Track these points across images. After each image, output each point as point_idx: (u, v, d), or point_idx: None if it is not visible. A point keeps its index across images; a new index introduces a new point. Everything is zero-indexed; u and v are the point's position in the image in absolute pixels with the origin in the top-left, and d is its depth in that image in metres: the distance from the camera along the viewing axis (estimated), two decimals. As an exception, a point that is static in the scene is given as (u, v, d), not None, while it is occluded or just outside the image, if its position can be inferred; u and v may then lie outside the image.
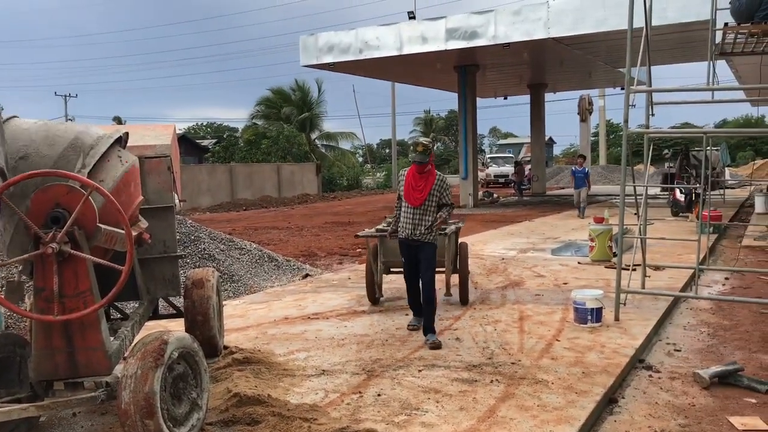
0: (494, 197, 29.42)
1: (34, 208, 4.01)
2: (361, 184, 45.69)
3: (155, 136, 5.70)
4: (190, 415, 4.21)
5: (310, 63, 23.49)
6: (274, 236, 17.34)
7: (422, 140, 6.60)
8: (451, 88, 28.50)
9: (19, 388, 4.40)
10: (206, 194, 30.98)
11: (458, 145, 28.99)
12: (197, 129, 69.52)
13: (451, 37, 21.05)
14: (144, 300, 5.37)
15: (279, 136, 40.07)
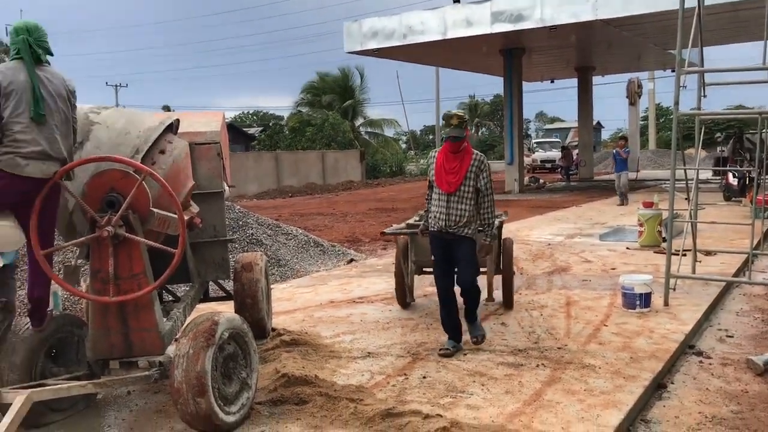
0: (540, 182, 29.07)
1: (90, 193, 4.14)
2: (405, 171, 45.64)
3: (205, 123, 5.80)
4: (240, 395, 4.32)
5: (354, 49, 23.50)
6: (319, 222, 17.50)
7: (456, 112, 5.55)
8: (497, 72, 28.21)
9: (77, 367, 4.57)
10: (253, 181, 31.38)
11: (503, 130, 28.73)
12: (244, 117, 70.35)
13: (497, 21, 20.80)
14: (195, 283, 5.50)
15: (324, 124, 40.26)
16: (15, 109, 3.96)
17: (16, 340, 4.35)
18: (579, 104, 32.39)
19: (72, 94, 4.27)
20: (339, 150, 38.99)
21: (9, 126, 3.95)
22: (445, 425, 4.01)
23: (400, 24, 22.34)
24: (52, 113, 4.09)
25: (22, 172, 3.96)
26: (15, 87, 3.98)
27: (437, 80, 45.28)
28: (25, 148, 3.97)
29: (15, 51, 4.10)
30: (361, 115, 47.02)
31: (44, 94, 4.06)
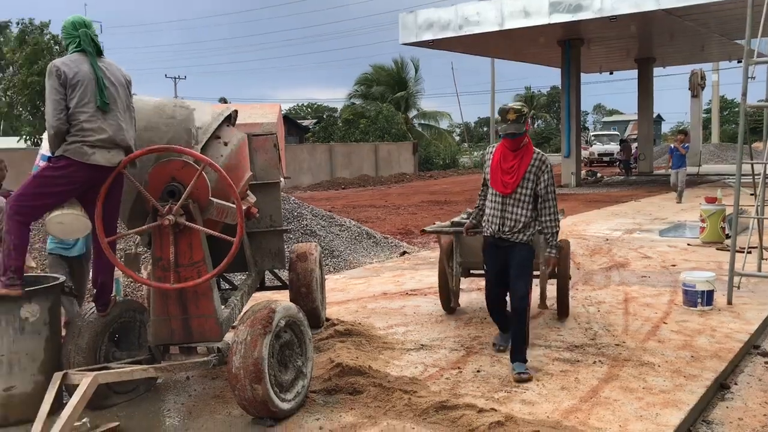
0: (598, 176, 28.51)
1: (152, 182, 4.24)
2: (458, 164, 45.36)
3: (262, 114, 5.87)
4: (296, 382, 4.38)
5: (409, 41, 23.44)
6: (371, 214, 17.56)
7: (513, 105, 4.91)
8: (554, 63, 27.73)
9: (138, 351, 4.70)
10: (307, 173, 31.69)
11: (560, 122, 28.25)
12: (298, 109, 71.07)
13: (555, 11, 20.43)
14: (252, 272, 5.59)
15: (378, 116, 40.31)
16: (81, 99, 4.10)
17: (82, 324, 4.51)
18: (639, 96, 31.58)
19: (129, 84, 4.40)
20: (392, 142, 38.99)
21: (76, 116, 4.09)
22: (499, 419, 3.98)
23: (456, 15, 22.17)
24: (115, 102, 4.23)
25: (88, 160, 4.09)
26: (80, 78, 4.11)
27: (492, 71, 44.77)
28: (92, 136, 4.10)
29: (75, 44, 4.23)
30: (415, 107, 46.89)
31: (107, 83, 4.19)
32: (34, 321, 4.30)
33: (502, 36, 22.59)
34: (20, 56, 30.57)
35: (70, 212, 4.28)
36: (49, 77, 4.13)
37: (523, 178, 4.91)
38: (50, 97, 4.10)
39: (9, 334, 4.22)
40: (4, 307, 4.19)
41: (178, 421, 4.39)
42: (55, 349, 4.44)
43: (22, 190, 4.19)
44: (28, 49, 30.17)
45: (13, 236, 4.13)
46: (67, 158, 4.10)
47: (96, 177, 4.16)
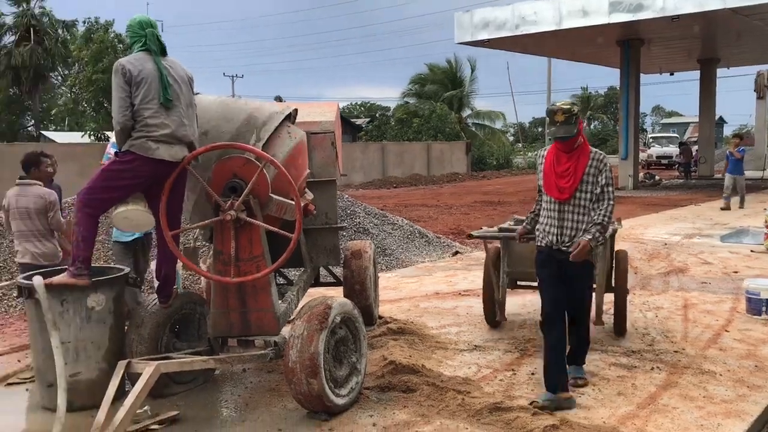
0: (656, 179, 27.82)
1: (215, 178, 4.35)
2: (512, 164, 44.91)
3: (321, 113, 5.94)
4: (350, 378, 4.42)
5: (465, 40, 23.30)
6: (423, 213, 17.54)
7: (561, 105, 4.47)
8: (612, 63, 27.17)
9: (198, 343, 4.82)
10: (359, 171, 31.84)
11: (618, 123, 27.70)
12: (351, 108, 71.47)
13: (615, 10, 20.01)
14: (307, 267, 5.66)
15: (431, 115, 40.21)
16: (145, 96, 4.23)
17: (144, 315, 4.65)
18: (700, 98, 30.66)
19: (191, 81, 4.52)
20: (445, 141, 38.85)
21: (140, 112, 4.23)
22: (554, 423, 3.94)
23: (512, 14, 21.94)
24: (178, 98, 4.35)
25: (153, 154, 4.21)
26: (145, 75, 4.24)
27: (549, 71, 44.22)
28: (155, 132, 4.22)
29: (141, 43, 4.36)
30: (468, 107, 46.60)
31: (170, 81, 4.32)
32: (100, 310, 4.45)
33: (560, 36, 22.25)
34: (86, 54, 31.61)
35: (135, 208, 4.43)
36: (115, 75, 4.28)
37: (581, 181, 4.44)
38: (116, 95, 4.24)
39: (76, 322, 4.39)
40: (72, 296, 4.35)
41: (235, 412, 4.48)
42: (119, 337, 4.59)
43: (90, 184, 4.35)
44: (93, 47, 31.18)
45: (81, 228, 4.29)
46: (133, 153, 4.24)
47: (160, 171, 4.28)
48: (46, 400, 4.51)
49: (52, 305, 4.26)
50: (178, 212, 4.53)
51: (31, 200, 5.68)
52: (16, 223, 5.72)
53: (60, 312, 4.33)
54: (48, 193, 5.77)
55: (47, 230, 5.74)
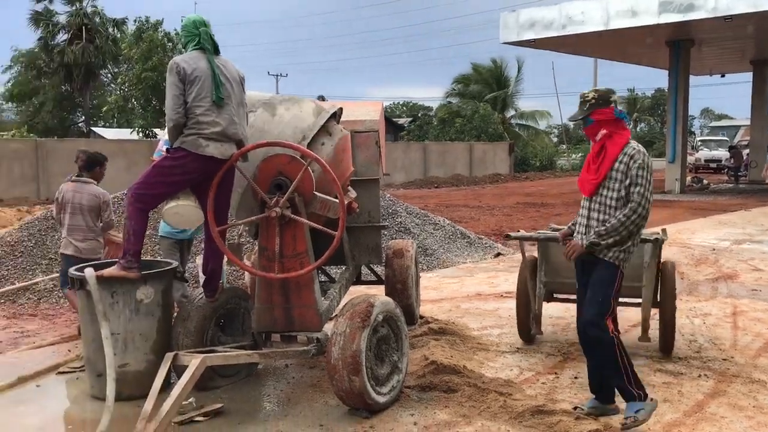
0: (704, 183, 27.19)
1: (261, 176, 4.41)
2: (555, 165, 44.37)
3: (365, 112, 5.97)
4: (391, 377, 4.44)
5: (510, 40, 23.12)
6: (465, 214, 17.46)
7: (588, 92, 4.14)
8: (661, 64, 26.65)
9: (242, 337, 4.90)
10: (400, 171, 31.86)
11: (665, 126, 27.14)
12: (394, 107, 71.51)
13: (665, 11, 19.62)
14: (350, 265, 5.70)
15: (474, 115, 39.98)
16: (198, 94, 4.31)
17: (191, 309, 4.74)
18: (753, 100, 29.81)
19: (243, 81, 4.60)
20: (487, 142, 38.59)
21: (192, 109, 4.31)
22: (598, 428, 3.90)
23: (559, 14, 21.68)
24: (230, 97, 4.43)
25: (203, 151, 4.30)
26: (198, 74, 4.33)
27: (595, 72, 43.57)
28: (207, 129, 4.31)
29: (195, 42, 4.44)
30: (512, 107, 46.18)
31: (223, 80, 4.39)
32: (149, 303, 4.56)
33: (607, 36, 21.90)
34: (135, 52, 32.29)
35: (186, 203, 4.52)
36: (169, 73, 4.37)
37: (606, 177, 4.05)
38: (170, 92, 4.33)
39: (125, 314, 4.50)
40: (122, 289, 4.47)
41: (277, 406, 4.54)
42: (166, 330, 4.69)
43: (141, 180, 4.45)
44: (143, 46, 31.81)
45: (132, 222, 4.39)
46: (184, 150, 4.33)
47: (209, 168, 4.36)
48: (96, 389, 4.64)
49: (103, 297, 4.38)
50: (225, 208, 4.61)
51: (86, 197, 5.99)
52: (67, 216, 5.99)
53: (110, 303, 4.44)
54: (102, 193, 6.08)
55: (93, 227, 6.04)
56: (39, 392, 4.86)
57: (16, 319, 7.03)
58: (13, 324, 6.85)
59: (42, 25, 38.71)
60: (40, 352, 5.81)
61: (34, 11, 38.69)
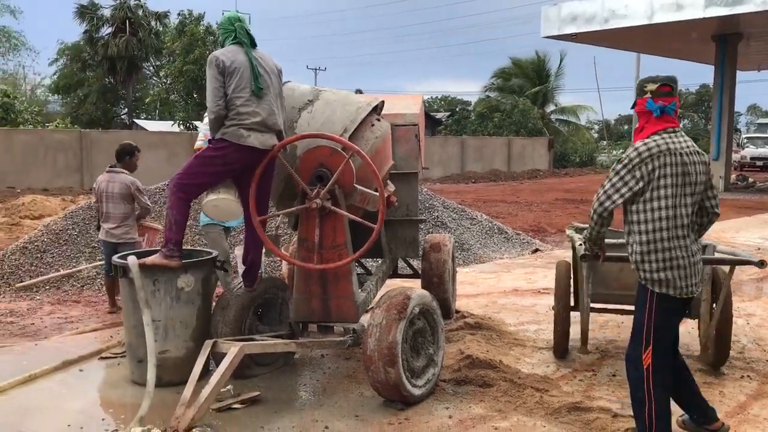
0: (749, 181, 26.54)
1: (302, 167, 4.44)
2: (596, 162, 43.74)
3: (405, 105, 5.97)
4: (427, 370, 4.44)
5: (551, 34, 22.84)
6: (502, 209, 17.33)
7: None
8: (706, 59, 26.04)
9: (279, 327, 4.95)
10: (438, 166, 31.76)
11: (709, 122, 26.56)
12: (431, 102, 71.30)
13: (711, 4, 19.15)
14: (386, 258, 5.71)
15: (514, 110, 39.61)
16: (237, 85, 4.38)
17: (230, 298, 4.80)
18: (802, 97, 28.99)
19: (280, 73, 4.65)
20: (526, 137, 38.22)
21: (233, 101, 4.37)
22: (635, 427, 3.83)
23: (602, 8, 21.34)
24: (269, 88, 4.48)
25: (244, 142, 4.35)
26: (237, 66, 4.39)
27: (637, 67, 42.61)
28: (247, 120, 4.36)
29: (232, 36, 4.52)
30: (553, 102, 45.61)
31: (261, 71, 4.45)
32: (189, 291, 4.63)
33: (651, 30, 21.48)
34: (177, 46, 32.77)
35: (226, 197, 4.58)
36: (209, 67, 4.43)
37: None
38: (210, 85, 4.40)
39: (167, 301, 4.58)
40: (163, 277, 4.55)
41: (313, 396, 4.58)
42: (205, 318, 4.77)
43: (183, 170, 4.53)
44: (184, 39, 32.27)
45: (174, 211, 4.47)
46: (225, 140, 4.39)
47: (250, 159, 4.41)
48: (136, 374, 4.74)
49: (145, 284, 4.47)
50: (266, 199, 4.66)
51: (117, 186, 6.39)
52: (103, 205, 6.43)
53: (152, 291, 4.53)
54: (132, 181, 6.45)
55: (125, 214, 6.43)
56: (82, 376, 4.98)
57: (60, 305, 7.22)
58: (58, 310, 7.03)
59: (87, 19, 39.51)
60: (83, 337, 5.96)
61: (80, 5, 39.51)
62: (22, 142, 21.71)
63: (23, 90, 42.74)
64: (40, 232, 8.92)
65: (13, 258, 8.28)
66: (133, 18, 39.32)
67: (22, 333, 6.02)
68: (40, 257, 8.35)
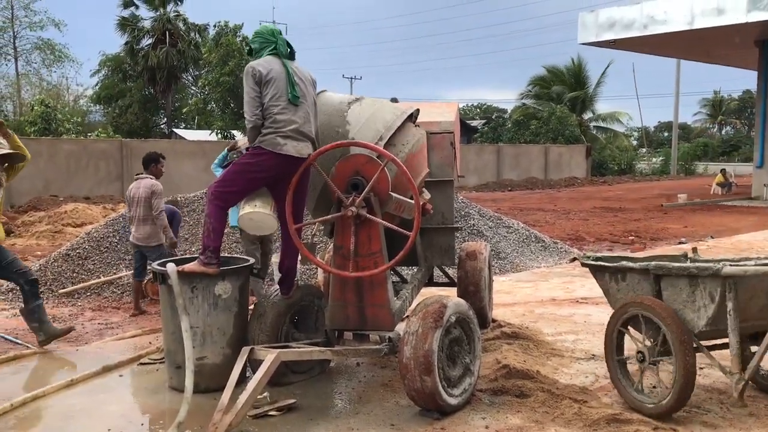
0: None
1: (338, 175, 4.46)
2: (635, 170, 43.10)
3: (440, 113, 5.95)
4: (463, 379, 4.40)
5: (589, 41, 22.60)
6: (539, 218, 17.18)
7: None
8: (749, 65, 25.49)
9: (315, 334, 4.96)
10: (473, 173, 31.64)
11: (753, 129, 25.96)
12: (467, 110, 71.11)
13: (755, 8, 18.74)
14: (422, 266, 5.69)
15: (551, 117, 39.28)
16: (274, 94, 4.43)
17: (267, 305, 4.83)
18: None
19: (315, 84, 4.71)
20: (564, 144, 37.85)
21: (269, 109, 4.43)
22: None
23: (640, 13, 21.05)
24: (305, 96, 4.54)
25: (281, 150, 4.39)
26: (273, 75, 4.45)
27: (678, 73, 42.04)
28: (284, 128, 4.41)
29: (271, 47, 4.58)
30: (590, 109, 45.11)
31: (297, 80, 4.50)
32: (226, 298, 4.68)
33: (691, 36, 21.11)
34: (215, 56, 33.30)
35: (261, 211, 4.61)
36: (246, 77, 4.50)
37: None
38: (247, 95, 4.46)
39: (204, 308, 4.63)
40: (201, 284, 4.60)
41: (348, 404, 4.57)
42: (242, 325, 4.81)
43: (221, 177, 4.60)
44: (221, 50, 32.77)
45: (212, 219, 4.52)
46: (262, 148, 4.43)
47: (286, 167, 4.45)
48: (174, 380, 4.79)
49: (184, 291, 4.52)
50: (301, 207, 4.69)
51: (141, 190, 6.86)
52: (132, 210, 6.92)
53: (190, 298, 4.58)
54: (153, 184, 6.89)
55: (147, 216, 6.84)
56: (121, 382, 5.06)
57: (101, 311, 7.35)
58: (99, 316, 7.17)
59: (128, 31, 40.46)
60: (123, 343, 6.06)
61: (121, 17, 40.47)
62: (66, 152, 22.24)
63: (66, 101, 43.79)
64: (82, 239, 9.12)
65: (56, 265, 8.47)
66: (172, 29, 40.12)
67: (64, 338, 6.14)
68: (82, 264, 8.53)
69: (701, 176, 40.18)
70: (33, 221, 14.94)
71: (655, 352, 4.20)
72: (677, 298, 4.16)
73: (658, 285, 4.25)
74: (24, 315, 5.92)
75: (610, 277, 4.62)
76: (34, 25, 39.41)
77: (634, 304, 4.25)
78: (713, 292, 3.96)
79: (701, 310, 4.05)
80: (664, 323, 4.04)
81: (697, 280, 4.03)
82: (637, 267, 4.37)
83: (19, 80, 40.88)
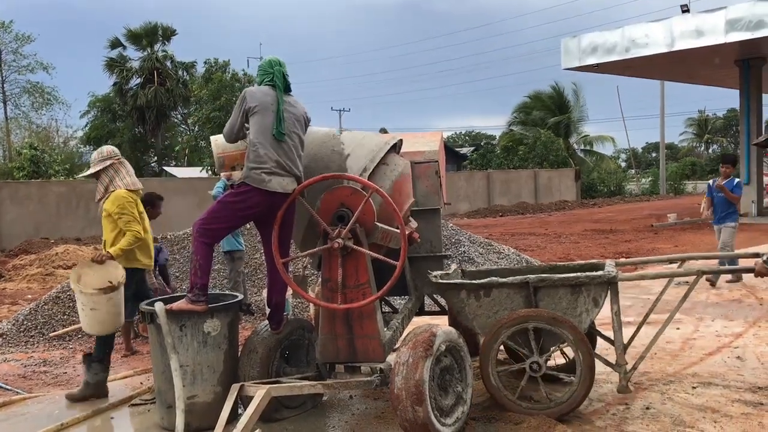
0: (782, 205, 26.01)
1: (323, 207, 4.48)
2: (624, 191, 43.36)
3: (425, 142, 6.01)
4: (456, 408, 4.38)
5: (572, 65, 22.89)
6: (531, 242, 17.21)
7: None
8: (731, 84, 25.85)
9: (306, 368, 4.94)
10: (464, 200, 31.76)
11: (739, 147, 26.24)
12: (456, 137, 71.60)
13: (732, 29, 19.07)
14: (412, 296, 5.68)
15: (536, 143, 39.63)
16: (259, 127, 4.45)
17: (257, 340, 4.82)
18: (832, 117, 28.53)
19: (308, 121, 4.73)
20: (552, 169, 38.11)
21: (253, 143, 4.44)
22: (671, 461, 3.73)
23: (622, 37, 21.37)
24: (290, 134, 4.53)
25: (266, 186, 4.40)
26: (261, 108, 4.47)
27: (662, 94, 42.54)
28: (266, 163, 4.41)
29: (269, 78, 4.60)
30: (576, 132, 45.53)
31: (286, 115, 4.50)
32: (216, 335, 4.66)
33: (672, 57, 21.42)
34: (204, 93, 33.50)
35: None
36: (239, 99, 4.64)
37: None
38: (233, 117, 4.60)
39: (194, 346, 4.61)
40: (190, 322, 4.58)
41: (342, 438, 4.54)
42: (232, 362, 4.78)
43: (206, 214, 4.60)
44: (211, 87, 32.98)
45: (199, 257, 4.52)
46: (248, 185, 4.45)
47: (272, 202, 4.46)
48: (166, 420, 4.74)
49: (172, 330, 4.51)
50: (287, 241, 4.69)
51: None
52: None
53: (179, 336, 4.56)
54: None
55: None
56: (112, 424, 5.01)
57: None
58: (90, 357, 7.09)
59: (116, 71, 40.70)
60: (113, 384, 5.99)
61: (109, 58, 40.74)
62: (55, 194, 22.20)
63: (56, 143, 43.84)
64: (73, 281, 9.06)
65: (47, 308, 8.42)
66: (161, 68, 40.40)
67: (55, 382, 6.09)
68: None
69: (690, 195, 40.43)
70: (24, 264, 14.86)
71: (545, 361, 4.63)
72: (556, 307, 4.61)
73: (536, 297, 4.62)
74: None
75: (469, 295, 4.81)
76: (23, 69, 39.63)
77: (533, 317, 4.56)
78: (597, 297, 4.61)
79: (583, 315, 4.64)
80: (567, 331, 4.50)
81: (581, 288, 4.58)
82: (515, 281, 4.69)
83: (8, 124, 40.96)
